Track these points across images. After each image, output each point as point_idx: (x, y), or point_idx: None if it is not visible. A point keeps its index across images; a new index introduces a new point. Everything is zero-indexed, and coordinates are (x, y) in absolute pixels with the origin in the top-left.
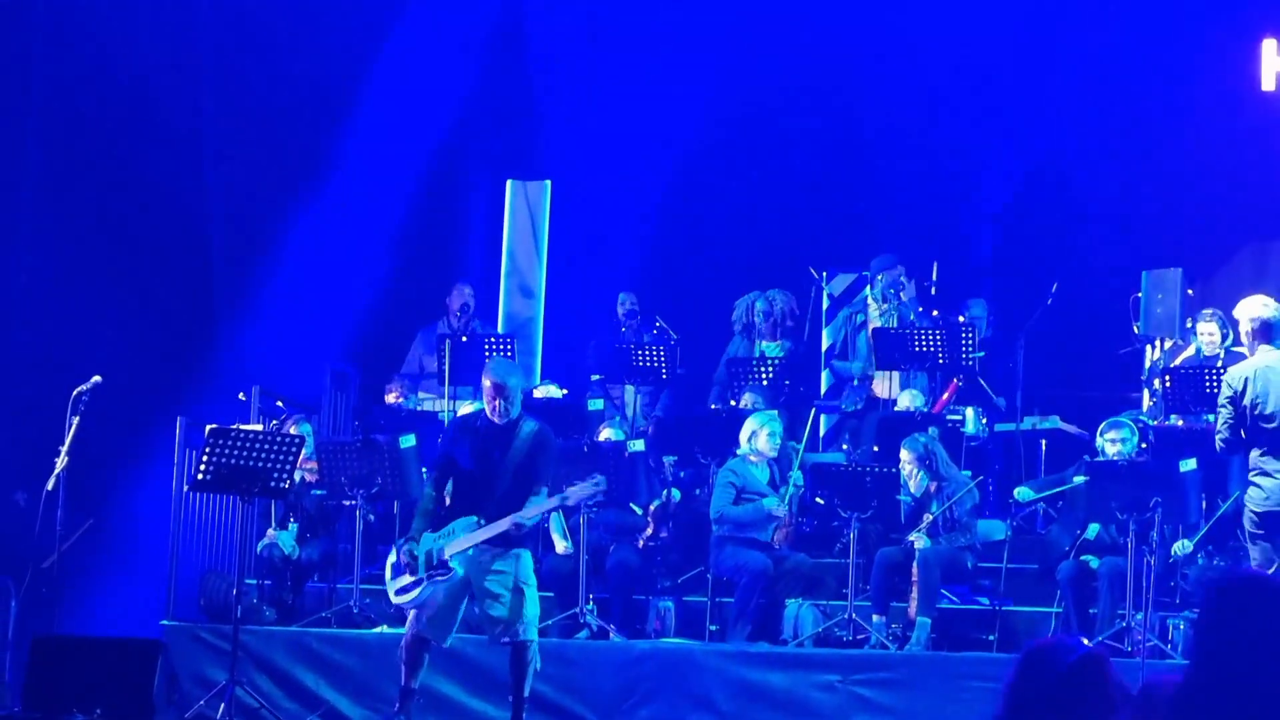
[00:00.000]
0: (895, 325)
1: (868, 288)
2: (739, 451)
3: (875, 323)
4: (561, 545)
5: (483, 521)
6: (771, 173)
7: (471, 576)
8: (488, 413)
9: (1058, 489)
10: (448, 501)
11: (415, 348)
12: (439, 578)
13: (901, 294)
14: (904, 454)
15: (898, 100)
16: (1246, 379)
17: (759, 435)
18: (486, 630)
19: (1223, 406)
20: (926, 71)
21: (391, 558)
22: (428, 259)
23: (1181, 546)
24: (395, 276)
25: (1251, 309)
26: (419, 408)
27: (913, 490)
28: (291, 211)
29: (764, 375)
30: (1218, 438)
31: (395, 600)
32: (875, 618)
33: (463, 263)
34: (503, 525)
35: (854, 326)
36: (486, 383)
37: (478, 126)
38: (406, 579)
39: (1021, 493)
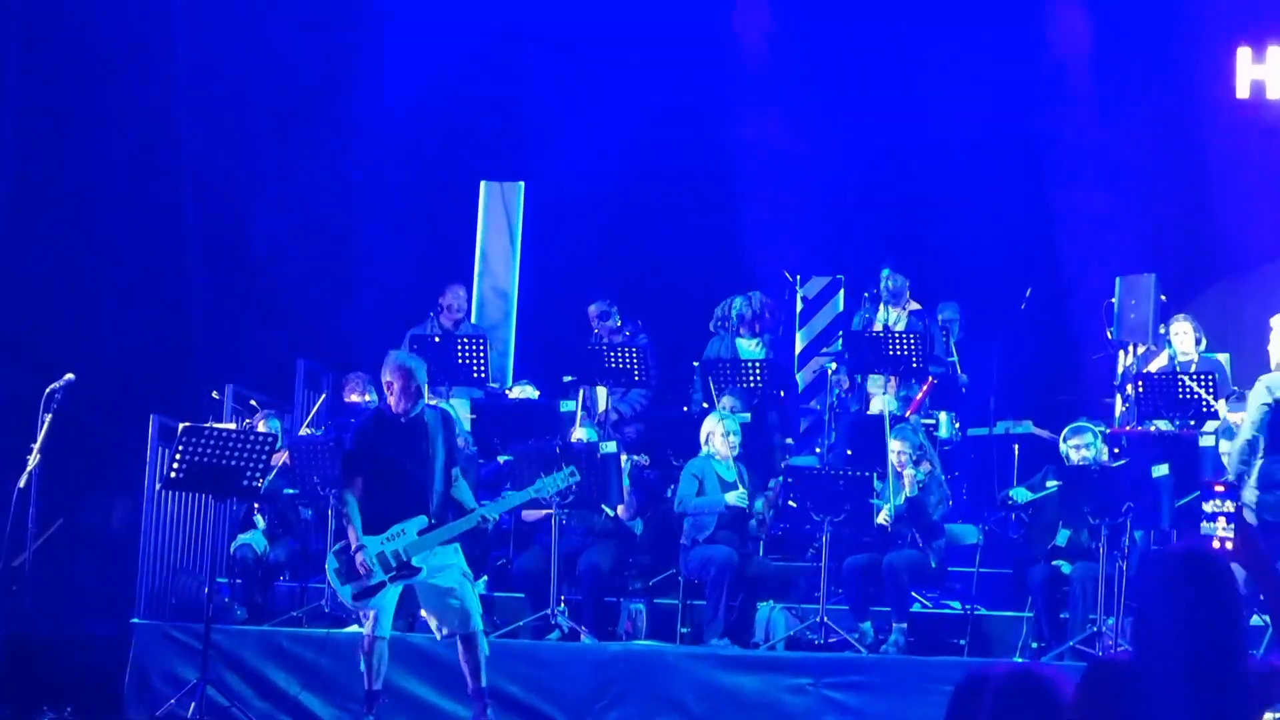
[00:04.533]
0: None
1: (866, 294)
2: (703, 451)
3: (877, 326)
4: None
5: (432, 520)
6: (746, 176)
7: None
8: (395, 406)
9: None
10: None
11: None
12: (404, 578)
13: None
14: (897, 444)
15: (873, 104)
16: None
17: (714, 436)
18: (442, 624)
19: (1262, 401)
20: (901, 77)
21: (333, 564)
22: (402, 258)
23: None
24: (370, 276)
25: None
26: None
27: (905, 485)
28: (266, 210)
29: (749, 378)
30: (1241, 439)
31: (354, 604)
32: (863, 625)
33: (436, 263)
34: (473, 521)
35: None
36: (398, 376)
37: (452, 127)
38: (365, 583)
39: (1018, 493)
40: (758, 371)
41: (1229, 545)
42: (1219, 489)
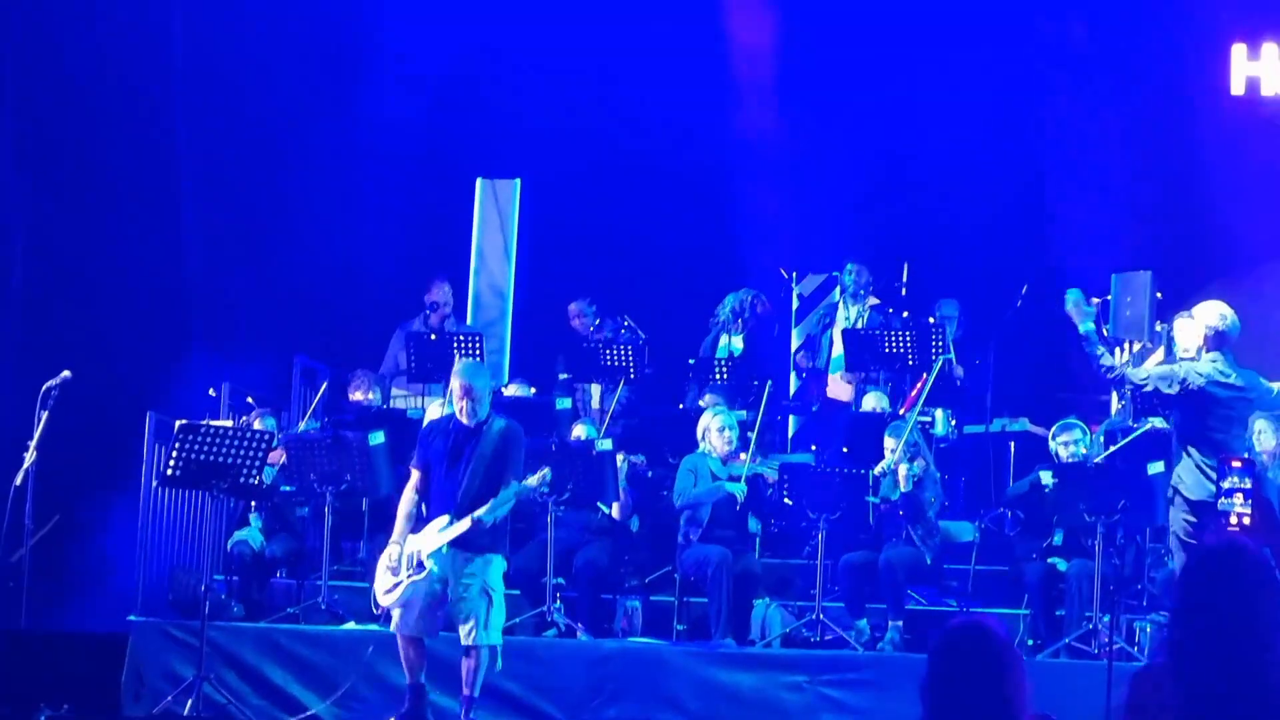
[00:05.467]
0: (862, 326)
1: (837, 289)
2: (700, 447)
3: (841, 324)
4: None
5: (453, 521)
6: (742, 173)
7: (448, 576)
8: (458, 414)
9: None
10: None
11: (393, 345)
12: (417, 577)
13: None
14: (890, 441)
15: (869, 101)
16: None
17: (710, 431)
18: (457, 629)
19: (1169, 373)
20: (897, 74)
21: (383, 561)
22: (398, 256)
23: None
24: (366, 274)
25: (1210, 316)
26: (392, 404)
27: (900, 481)
28: (263, 207)
29: (719, 374)
30: (1131, 374)
31: (382, 601)
32: (859, 622)
33: (432, 260)
34: (464, 525)
35: (820, 328)
36: (456, 384)
37: (448, 124)
38: (390, 579)
39: (1047, 476)
40: (725, 369)
41: (1246, 521)
42: (1236, 465)
